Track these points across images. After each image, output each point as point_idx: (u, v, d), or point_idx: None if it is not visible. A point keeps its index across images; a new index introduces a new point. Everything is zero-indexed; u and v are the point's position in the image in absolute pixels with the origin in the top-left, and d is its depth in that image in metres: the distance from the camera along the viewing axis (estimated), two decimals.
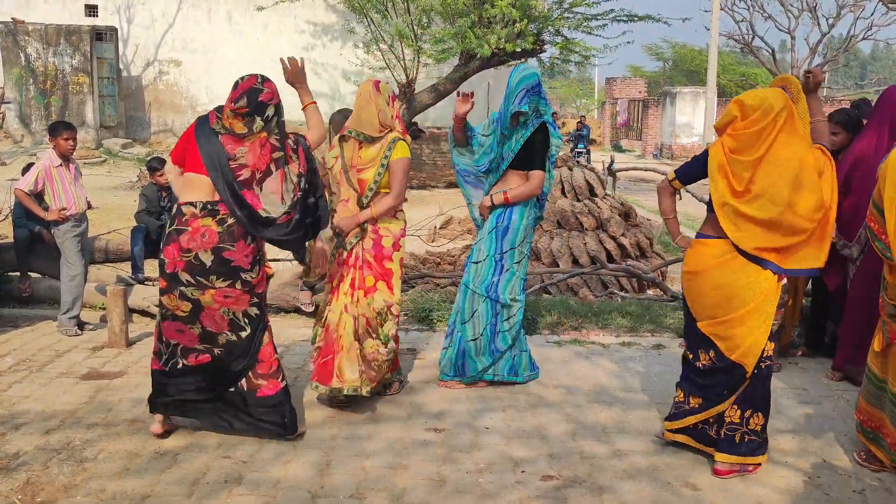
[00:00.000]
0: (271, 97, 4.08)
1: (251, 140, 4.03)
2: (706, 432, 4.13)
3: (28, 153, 17.18)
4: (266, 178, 4.03)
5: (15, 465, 3.87)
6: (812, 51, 33.65)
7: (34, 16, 19.60)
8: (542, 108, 5.01)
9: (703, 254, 4.00)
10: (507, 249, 5.06)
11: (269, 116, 4.06)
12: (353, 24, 18.37)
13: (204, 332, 4.08)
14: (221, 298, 4.01)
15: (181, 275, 3.95)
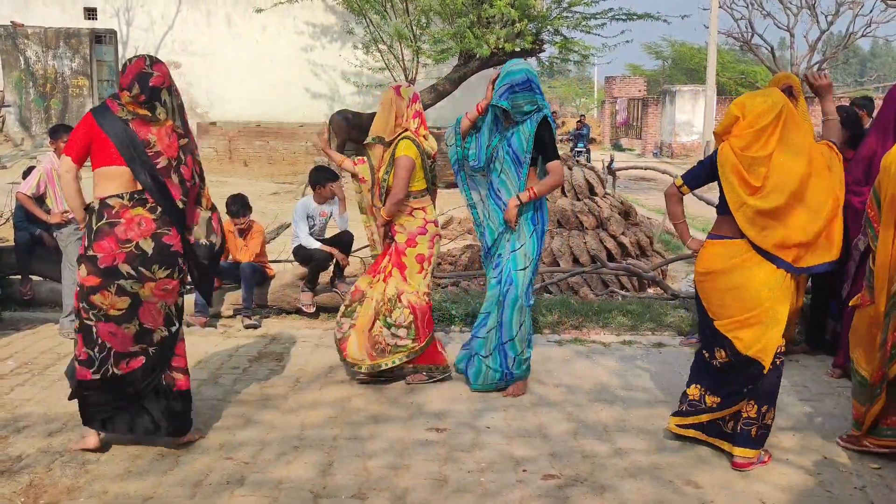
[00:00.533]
0: (162, 81, 3.93)
1: (158, 126, 3.91)
2: (720, 427, 4.19)
3: (28, 156, 17.19)
4: (179, 166, 3.96)
5: (18, 467, 3.88)
6: (811, 48, 33.63)
7: (33, 19, 19.62)
8: (541, 103, 4.86)
9: (717, 254, 4.06)
10: (540, 252, 5.05)
11: (166, 102, 3.94)
12: (353, 25, 18.40)
13: (141, 329, 3.92)
14: (160, 291, 3.91)
15: (122, 267, 3.80)
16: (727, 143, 4.01)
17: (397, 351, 5.08)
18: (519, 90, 4.78)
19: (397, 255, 5.12)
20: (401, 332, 5.07)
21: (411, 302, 5.07)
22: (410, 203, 5.11)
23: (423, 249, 5.10)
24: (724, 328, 4.05)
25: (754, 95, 4.02)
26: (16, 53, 18.84)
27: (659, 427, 4.56)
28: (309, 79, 20.12)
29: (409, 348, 5.09)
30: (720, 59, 32.80)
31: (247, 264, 6.71)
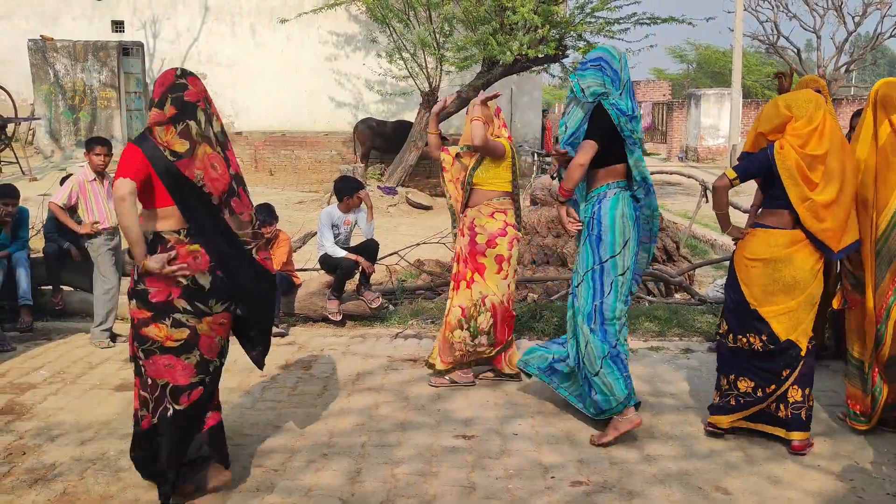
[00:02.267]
0: (197, 97, 3.59)
1: (200, 158, 3.55)
2: (772, 413, 4.36)
3: (58, 168, 17.42)
4: (231, 199, 3.67)
5: (52, 475, 3.94)
6: (838, 50, 33.30)
7: (62, 32, 19.89)
8: (608, 88, 4.33)
9: (770, 243, 4.28)
10: (606, 258, 4.39)
11: (202, 123, 3.58)
12: (376, 34, 18.47)
13: (201, 359, 3.66)
14: (217, 325, 3.67)
15: (177, 302, 3.55)
16: (785, 142, 4.23)
17: (475, 355, 5.30)
18: (589, 66, 4.39)
19: (474, 256, 5.20)
20: (482, 339, 5.23)
21: (493, 304, 5.21)
22: (493, 204, 5.21)
23: (502, 251, 5.19)
24: (769, 314, 4.26)
25: (797, 96, 4.31)
26: (45, 67, 19.10)
27: (688, 433, 4.54)
28: (333, 88, 20.22)
29: (487, 354, 5.32)
30: (746, 62, 32.57)
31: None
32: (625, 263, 4.41)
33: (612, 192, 4.41)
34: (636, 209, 4.47)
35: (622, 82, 4.39)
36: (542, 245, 9.20)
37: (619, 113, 4.32)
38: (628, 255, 4.42)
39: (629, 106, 4.37)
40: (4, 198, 6.84)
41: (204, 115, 3.59)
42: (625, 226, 4.39)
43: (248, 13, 20.72)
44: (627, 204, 4.42)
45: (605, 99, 4.34)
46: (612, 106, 4.32)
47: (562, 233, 9.33)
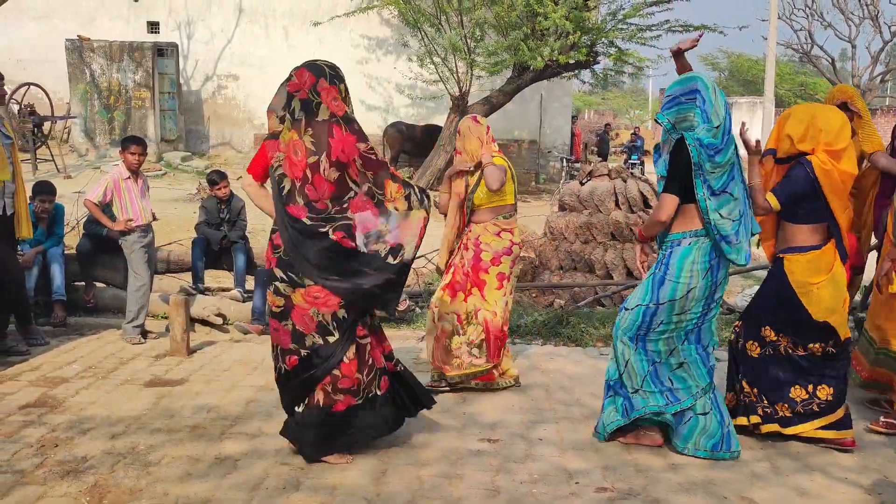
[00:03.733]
0: (297, 88, 3.80)
1: (285, 140, 3.83)
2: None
3: (92, 167, 17.68)
4: (305, 186, 3.82)
5: (83, 468, 4.00)
6: (874, 59, 32.93)
7: (99, 33, 20.19)
8: (696, 120, 4.09)
9: (824, 261, 4.44)
10: (663, 302, 4.22)
11: (294, 111, 3.81)
12: (408, 38, 18.56)
13: (294, 330, 3.93)
14: (311, 298, 3.87)
15: (276, 271, 3.90)
16: (824, 158, 4.32)
17: (472, 367, 5.22)
18: (679, 102, 4.15)
19: (477, 272, 5.21)
20: (475, 352, 5.21)
21: (486, 320, 5.19)
22: (499, 223, 5.24)
23: (504, 269, 5.23)
24: (834, 321, 4.44)
25: (826, 110, 4.42)
26: (82, 66, 19.39)
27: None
28: (364, 91, 20.33)
29: (482, 367, 5.25)
30: (778, 71, 32.28)
31: None
32: (683, 307, 4.22)
33: (687, 242, 4.19)
34: (712, 258, 4.18)
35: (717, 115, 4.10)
36: (570, 251, 9.19)
37: (700, 149, 4.03)
38: (690, 303, 4.22)
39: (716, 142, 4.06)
40: (41, 195, 6.97)
41: (300, 104, 3.81)
42: (693, 274, 4.17)
43: (282, 15, 20.91)
44: (704, 253, 4.17)
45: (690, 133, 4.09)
46: (696, 141, 4.05)
47: (590, 239, 9.31)
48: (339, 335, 3.93)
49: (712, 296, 4.27)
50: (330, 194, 3.82)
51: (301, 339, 3.93)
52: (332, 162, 3.79)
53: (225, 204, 7.57)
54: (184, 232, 10.31)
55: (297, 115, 3.81)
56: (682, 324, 4.27)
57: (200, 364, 5.84)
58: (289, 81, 3.83)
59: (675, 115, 4.14)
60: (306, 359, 3.95)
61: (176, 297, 6.24)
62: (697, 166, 4.03)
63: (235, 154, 21.29)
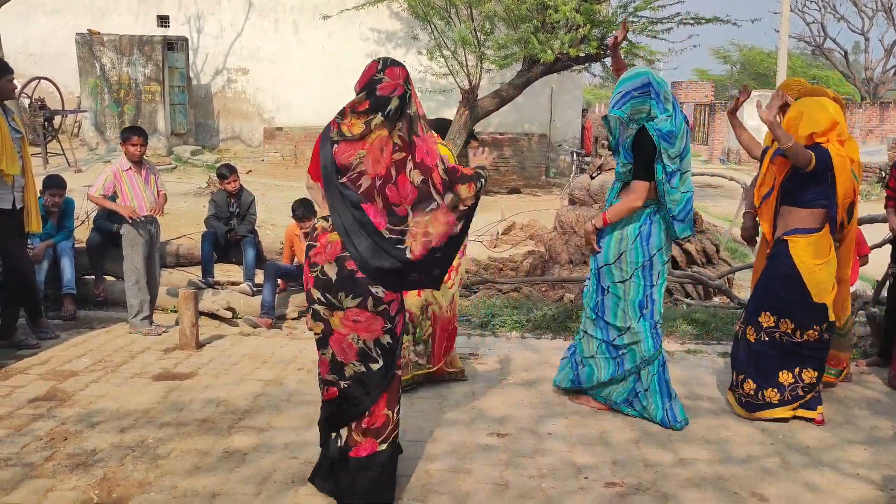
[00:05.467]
0: (393, 88, 3.42)
1: (371, 141, 3.40)
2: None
3: (103, 160, 17.74)
4: (386, 185, 3.40)
5: (92, 461, 4.01)
6: (887, 52, 32.70)
7: (109, 27, 20.23)
8: (653, 111, 4.44)
9: (825, 243, 4.64)
10: (601, 265, 4.66)
11: (391, 111, 3.42)
12: (417, 31, 18.52)
13: (333, 358, 3.54)
14: (350, 322, 3.46)
15: (313, 292, 3.50)
16: (836, 146, 4.62)
17: (416, 369, 5.09)
18: (635, 95, 4.44)
19: None
20: (419, 349, 5.08)
21: (434, 314, 5.05)
22: None
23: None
24: (828, 303, 4.63)
25: (829, 102, 4.75)
26: (92, 60, 19.43)
27: (724, 437, 4.49)
28: None
29: (424, 369, 5.12)
30: (791, 64, 32.10)
31: None
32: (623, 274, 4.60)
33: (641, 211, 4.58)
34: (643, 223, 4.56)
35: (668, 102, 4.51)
36: (580, 245, 9.15)
37: (661, 137, 4.40)
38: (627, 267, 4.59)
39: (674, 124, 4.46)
40: (51, 188, 6.98)
41: (398, 102, 3.42)
42: (623, 237, 4.57)
43: (291, 9, 20.90)
44: (638, 216, 4.55)
45: (650, 123, 4.44)
46: (656, 130, 4.41)
47: None
48: (383, 362, 3.52)
49: (651, 267, 4.58)
50: (412, 200, 3.41)
51: (340, 369, 3.53)
52: (416, 163, 3.42)
53: (235, 198, 7.58)
54: (193, 226, 10.33)
55: (392, 114, 3.42)
56: (629, 294, 4.58)
57: (209, 358, 5.84)
58: (379, 83, 3.42)
59: (630, 109, 4.44)
60: (346, 390, 3.53)
61: (185, 290, 6.25)
62: (659, 153, 4.41)
63: (245, 148, 21.31)
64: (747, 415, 4.74)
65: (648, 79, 4.46)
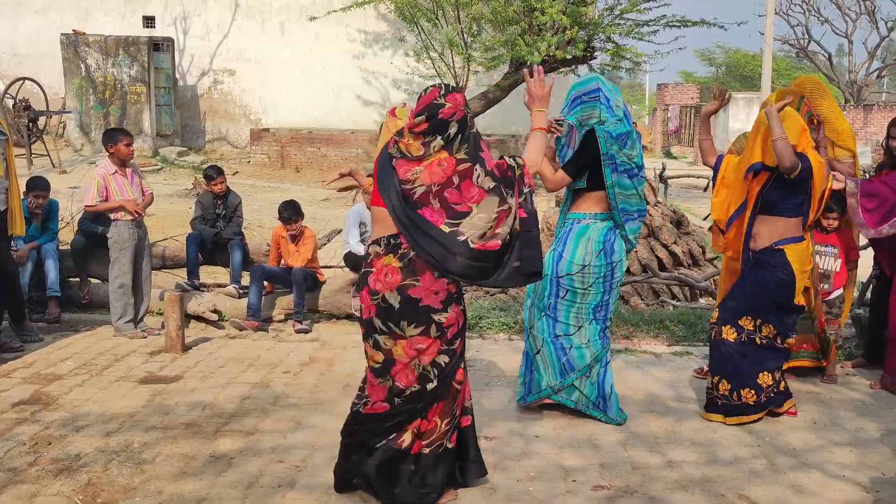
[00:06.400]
0: (453, 112, 3.52)
1: (429, 160, 3.50)
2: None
3: (88, 161, 17.62)
4: (445, 189, 3.46)
5: (76, 466, 3.98)
6: (870, 55, 32.96)
7: (94, 27, 20.12)
8: (603, 115, 4.58)
9: (809, 252, 4.84)
10: (562, 275, 4.66)
11: (451, 135, 3.51)
12: (404, 33, 18.51)
13: (393, 387, 3.56)
14: (413, 351, 3.51)
15: (374, 321, 3.53)
16: (813, 153, 4.70)
17: None
18: (584, 101, 4.64)
19: None
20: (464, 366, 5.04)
21: None
22: None
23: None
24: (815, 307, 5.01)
25: (791, 111, 4.77)
26: (77, 61, 19.32)
27: (711, 439, 4.50)
28: (360, 86, 20.28)
29: None
30: (775, 66, 32.29)
31: (298, 269, 6.79)
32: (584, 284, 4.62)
33: (586, 222, 4.66)
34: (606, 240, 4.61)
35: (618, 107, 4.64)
36: None
37: (610, 140, 4.51)
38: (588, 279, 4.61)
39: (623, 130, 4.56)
40: (35, 190, 6.93)
41: (457, 126, 3.52)
42: (587, 252, 4.59)
43: (278, 10, 20.85)
44: (599, 234, 4.61)
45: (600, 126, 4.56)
46: (605, 133, 4.52)
47: None
48: (438, 382, 3.57)
49: (612, 276, 4.64)
50: (480, 200, 3.46)
51: (400, 393, 3.57)
52: (487, 171, 3.50)
53: (221, 199, 7.54)
54: (179, 228, 10.27)
55: (451, 138, 3.51)
56: (587, 299, 4.63)
57: (195, 361, 5.81)
58: (441, 108, 3.51)
59: (580, 114, 4.61)
60: (398, 407, 3.59)
61: (171, 293, 6.21)
62: (607, 156, 4.49)
63: (231, 149, 21.24)
64: (723, 420, 4.71)
65: (598, 84, 4.62)
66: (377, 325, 3.52)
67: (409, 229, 3.45)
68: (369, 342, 3.59)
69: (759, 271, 4.73)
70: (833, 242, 5.42)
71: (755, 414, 4.70)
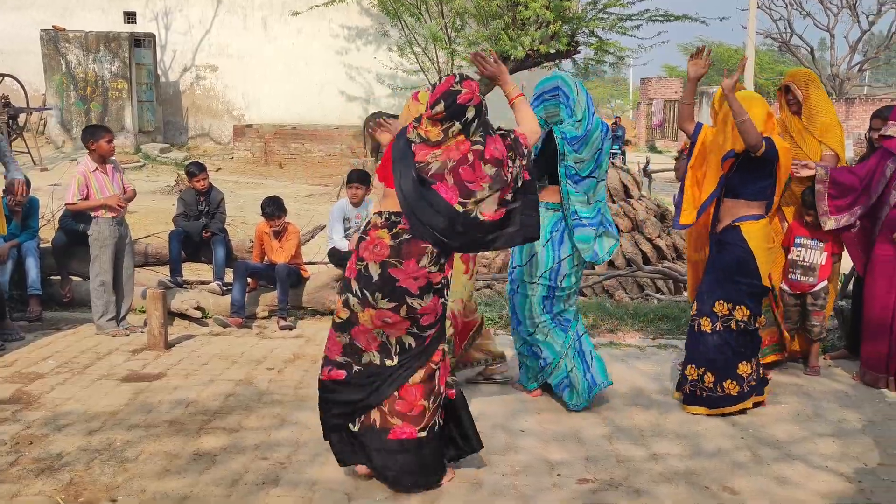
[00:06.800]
0: (470, 98, 3.65)
1: (447, 144, 3.65)
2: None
3: (69, 158, 17.49)
4: (459, 167, 3.60)
5: (58, 465, 3.94)
6: (852, 49, 33.17)
7: (74, 23, 19.96)
8: (562, 115, 4.64)
9: (771, 230, 4.90)
10: (514, 266, 4.96)
11: (468, 120, 3.65)
12: (387, 28, 18.46)
13: (350, 344, 3.70)
14: (379, 321, 3.62)
15: (352, 283, 3.65)
16: (779, 139, 4.79)
17: None
18: (545, 98, 4.68)
19: None
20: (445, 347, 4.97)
21: (453, 311, 4.93)
22: None
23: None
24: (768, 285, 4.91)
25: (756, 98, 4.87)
26: (57, 57, 19.17)
27: (695, 431, 4.52)
28: (344, 81, 20.21)
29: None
30: (758, 60, 32.44)
31: (282, 266, 6.76)
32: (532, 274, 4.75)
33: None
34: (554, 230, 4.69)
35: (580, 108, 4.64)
36: None
37: (564, 142, 4.57)
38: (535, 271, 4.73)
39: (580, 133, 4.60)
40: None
41: (474, 111, 3.65)
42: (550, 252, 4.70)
43: (260, 6, 20.74)
44: (549, 222, 4.65)
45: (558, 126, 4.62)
46: (561, 134, 4.59)
47: None
48: (399, 362, 3.67)
49: (559, 270, 4.69)
50: (488, 181, 3.63)
51: (356, 353, 3.69)
52: (486, 159, 3.64)
53: (204, 196, 7.49)
54: (162, 224, 10.21)
55: (468, 122, 3.66)
56: (535, 293, 4.73)
57: (179, 358, 5.77)
58: (458, 94, 3.62)
59: (543, 112, 4.65)
60: (356, 376, 3.69)
61: (153, 290, 6.16)
62: (562, 155, 4.58)
63: (214, 145, 21.13)
64: (708, 412, 4.72)
65: (559, 83, 4.65)
66: (353, 288, 3.64)
67: (415, 209, 3.58)
68: (342, 298, 3.71)
69: (720, 254, 4.80)
70: (819, 236, 5.43)
71: (738, 404, 4.71)
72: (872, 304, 5.28)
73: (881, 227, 5.24)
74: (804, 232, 5.48)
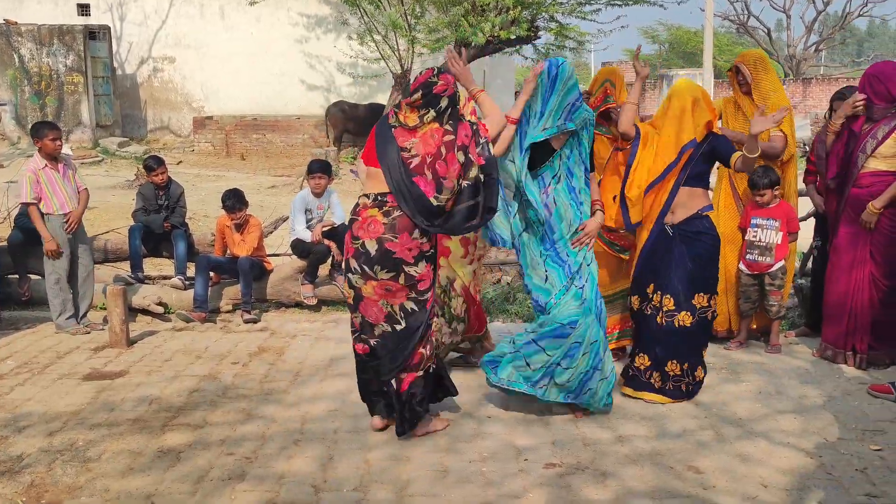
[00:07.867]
0: (444, 89, 4.09)
1: (423, 130, 4.06)
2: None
3: (25, 154, 17.12)
4: (436, 162, 4.01)
5: (19, 467, 3.88)
6: (808, 29, 33.55)
7: (26, 16, 19.52)
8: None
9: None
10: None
11: (442, 108, 4.07)
12: (347, 16, 18.30)
13: (363, 321, 4.16)
14: (381, 290, 4.07)
15: (351, 262, 4.11)
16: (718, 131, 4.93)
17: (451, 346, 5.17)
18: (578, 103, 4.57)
19: (440, 239, 4.90)
20: (458, 326, 5.08)
21: (464, 287, 5.05)
22: None
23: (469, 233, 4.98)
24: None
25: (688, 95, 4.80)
26: (10, 51, 18.75)
27: (660, 413, 4.56)
28: (304, 71, 20.02)
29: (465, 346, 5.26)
30: (717, 42, 32.67)
31: (245, 259, 6.71)
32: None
33: None
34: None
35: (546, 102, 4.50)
36: None
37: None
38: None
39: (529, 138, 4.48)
40: None
41: (447, 101, 4.07)
42: None
43: None
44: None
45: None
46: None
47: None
48: (406, 324, 4.12)
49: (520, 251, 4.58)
50: (457, 174, 4.04)
51: (370, 329, 4.15)
52: (458, 146, 4.05)
53: (163, 190, 7.39)
54: (122, 220, 10.04)
55: (442, 111, 4.07)
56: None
57: (141, 355, 5.71)
58: (434, 85, 4.05)
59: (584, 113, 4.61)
60: (376, 347, 4.15)
61: (113, 286, 6.08)
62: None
63: (174, 138, 20.84)
64: (671, 402, 4.70)
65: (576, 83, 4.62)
66: (353, 266, 4.10)
67: (400, 190, 4.01)
68: (346, 281, 4.19)
69: (689, 245, 4.70)
70: (774, 215, 5.50)
71: (697, 391, 4.80)
72: (834, 281, 5.36)
73: (844, 205, 5.31)
74: (759, 212, 5.55)
